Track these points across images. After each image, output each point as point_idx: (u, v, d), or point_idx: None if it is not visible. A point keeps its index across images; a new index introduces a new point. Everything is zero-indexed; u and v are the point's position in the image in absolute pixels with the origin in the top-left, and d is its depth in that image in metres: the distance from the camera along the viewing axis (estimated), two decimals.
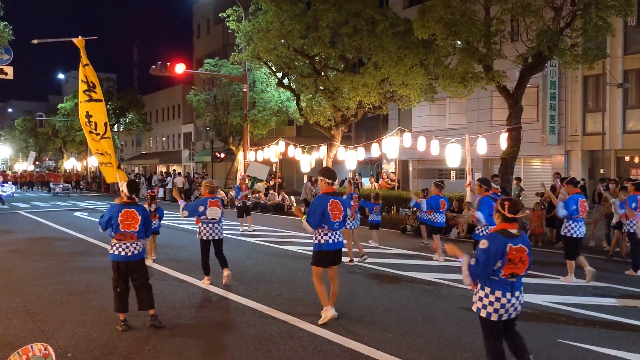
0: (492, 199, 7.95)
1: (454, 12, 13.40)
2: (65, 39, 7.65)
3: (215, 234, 8.05)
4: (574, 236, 8.50)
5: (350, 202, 9.76)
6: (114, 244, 5.95)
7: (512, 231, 4.12)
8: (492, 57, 13.95)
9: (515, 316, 4.24)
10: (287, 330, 5.88)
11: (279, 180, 23.81)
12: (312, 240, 6.35)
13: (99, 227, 6.03)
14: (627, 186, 10.01)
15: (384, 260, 10.37)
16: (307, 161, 21.75)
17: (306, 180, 21.59)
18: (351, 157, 19.62)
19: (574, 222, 8.50)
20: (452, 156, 16.11)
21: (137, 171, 52.17)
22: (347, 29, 17.78)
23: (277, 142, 22.90)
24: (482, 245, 4.08)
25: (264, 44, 18.81)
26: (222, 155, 34.23)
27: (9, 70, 19.27)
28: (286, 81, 22.28)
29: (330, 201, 6.12)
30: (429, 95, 17.57)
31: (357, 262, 9.82)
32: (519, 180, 15.19)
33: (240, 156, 26.17)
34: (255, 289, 7.81)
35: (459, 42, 14.40)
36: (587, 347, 5.40)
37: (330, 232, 6.16)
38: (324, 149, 21.05)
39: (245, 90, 24.26)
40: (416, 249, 11.89)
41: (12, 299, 7.26)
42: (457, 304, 7.02)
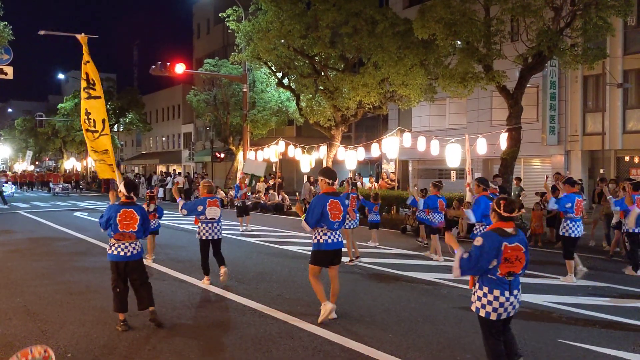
0: (489, 199, 7.95)
1: (454, 12, 13.41)
2: (70, 34, 7.72)
3: (214, 234, 8.08)
4: (572, 236, 8.53)
5: (347, 202, 9.73)
6: (112, 244, 5.96)
7: (508, 230, 4.15)
8: (492, 57, 13.95)
9: (513, 315, 4.26)
10: (287, 330, 5.88)
11: (279, 180, 23.80)
12: (312, 240, 6.35)
13: (100, 228, 6.06)
14: (625, 186, 10.03)
15: (384, 260, 10.37)
16: (307, 161, 21.74)
17: (305, 180, 21.60)
18: (351, 157, 19.61)
19: (572, 222, 8.52)
20: (452, 156, 16.11)
21: (137, 171, 52.17)
22: (347, 29, 17.78)
23: (277, 142, 22.89)
24: (477, 242, 4.13)
25: (263, 44, 18.81)
26: (222, 155, 34.24)
27: (9, 70, 19.30)
28: (286, 81, 22.28)
29: (329, 201, 6.13)
30: (428, 95, 17.57)
31: (347, 263, 9.66)
32: (519, 180, 15.19)
33: (240, 156, 26.16)
34: (255, 289, 7.81)
35: (459, 42, 14.40)
36: (587, 347, 5.40)
37: (329, 231, 6.17)
38: (323, 149, 21.05)
39: (245, 90, 24.26)
40: (416, 248, 11.89)
41: (12, 299, 7.26)
42: (457, 304, 7.02)
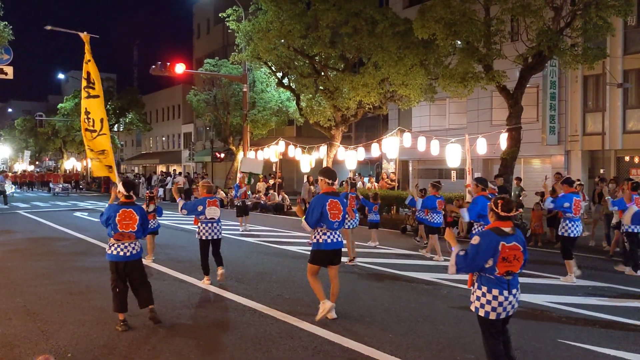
0: (488, 199, 7.94)
1: (454, 12, 13.40)
2: (74, 31, 7.76)
3: (214, 234, 8.10)
4: (571, 236, 8.55)
5: (346, 202, 9.73)
6: (111, 244, 5.96)
7: (505, 229, 4.17)
8: (492, 57, 13.95)
9: (512, 314, 4.28)
10: (287, 330, 5.88)
11: (279, 180, 23.80)
12: (311, 240, 6.35)
13: (102, 225, 6.09)
14: (624, 187, 10.06)
15: (384, 260, 10.37)
16: (307, 161, 21.74)
17: (305, 180, 21.60)
18: (351, 157, 19.61)
19: (570, 222, 8.53)
20: (452, 156, 16.11)
21: (136, 171, 52.17)
22: (347, 29, 17.77)
23: (277, 142, 22.89)
24: (474, 241, 4.16)
25: (263, 44, 18.80)
26: (222, 155, 34.24)
27: (9, 70, 19.30)
28: (286, 81, 22.27)
29: (329, 201, 6.14)
30: (428, 95, 17.58)
31: (347, 263, 9.67)
32: (519, 180, 15.19)
33: (240, 156, 26.15)
34: (255, 289, 7.81)
35: (459, 42, 14.40)
36: (587, 347, 5.40)
37: (329, 231, 6.18)
38: (324, 149, 21.05)
39: (245, 90, 24.26)
40: (416, 248, 11.88)
41: (12, 299, 7.26)
42: (457, 303, 7.02)
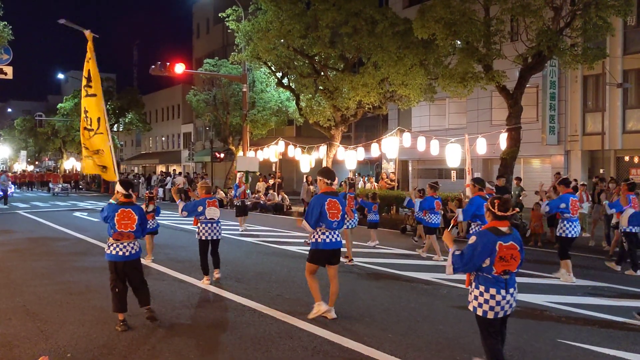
0: (485, 199, 7.94)
1: (453, 12, 13.41)
2: (81, 28, 7.78)
3: (214, 234, 8.12)
4: (569, 236, 8.55)
5: (344, 202, 9.75)
6: (110, 244, 5.96)
7: (502, 229, 4.19)
8: (491, 57, 13.95)
9: (509, 313, 4.29)
10: (287, 330, 5.88)
11: (279, 180, 23.79)
12: (310, 239, 6.36)
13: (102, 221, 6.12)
14: (620, 189, 10.10)
15: (384, 260, 10.37)
16: (306, 161, 21.74)
17: (304, 180, 21.56)
18: (351, 157, 19.61)
19: (568, 222, 8.54)
20: (452, 156, 16.11)
21: (136, 171, 52.15)
22: (346, 29, 17.77)
23: (277, 142, 22.90)
24: (471, 240, 4.20)
25: (263, 44, 18.80)
26: (222, 155, 34.21)
27: (9, 70, 19.29)
28: (286, 81, 22.27)
29: (327, 200, 6.17)
30: (428, 95, 17.57)
31: (346, 262, 9.68)
32: (519, 180, 15.19)
33: (240, 156, 26.15)
34: (254, 289, 7.81)
35: (459, 42, 14.40)
36: (586, 347, 5.40)
37: (328, 231, 6.19)
38: (323, 149, 21.05)
39: (244, 90, 24.24)
40: (416, 248, 11.87)
41: (12, 298, 7.25)
42: (457, 303, 7.01)
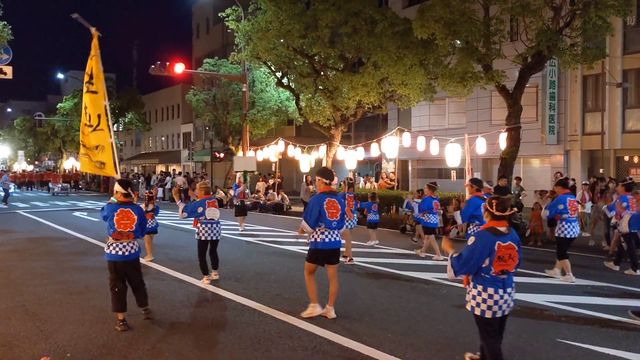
0: (482, 199, 7.92)
1: (453, 11, 13.40)
2: (89, 25, 7.82)
3: (213, 235, 8.12)
4: (567, 236, 8.56)
5: (343, 202, 9.77)
6: (110, 244, 5.97)
7: (500, 229, 4.20)
8: (491, 56, 13.95)
9: (508, 313, 4.30)
10: (286, 329, 5.88)
11: (279, 180, 23.79)
12: (309, 239, 6.37)
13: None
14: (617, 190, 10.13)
15: (383, 259, 10.37)
16: (306, 161, 21.73)
17: (303, 180, 21.57)
18: (351, 156, 19.60)
19: (567, 223, 8.54)
20: (452, 156, 16.11)
21: (136, 171, 52.12)
22: (346, 29, 17.76)
23: (277, 141, 22.89)
24: (470, 241, 4.22)
25: (263, 44, 18.79)
26: (222, 155, 34.17)
27: (8, 70, 19.28)
28: (285, 81, 22.26)
29: (326, 200, 6.20)
30: (428, 95, 17.57)
31: (346, 262, 9.70)
32: (519, 180, 15.20)
33: (236, 157, 26.14)
34: (254, 289, 7.81)
35: (459, 42, 14.39)
36: (586, 347, 5.40)
37: (327, 230, 6.20)
38: (323, 148, 21.04)
39: (244, 89, 24.23)
40: (415, 248, 11.87)
41: (12, 298, 7.25)
42: (456, 303, 7.01)
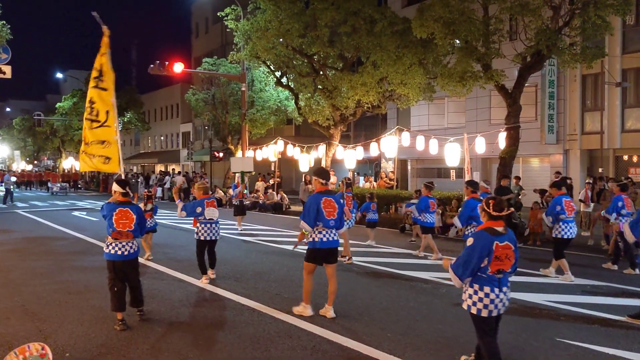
0: (479, 200, 7.93)
1: (452, 11, 13.40)
2: (102, 23, 7.88)
3: (213, 234, 8.12)
4: (565, 237, 8.57)
5: (342, 202, 9.80)
6: (109, 243, 5.97)
7: (498, 229, 4.22)
8: (490, 56, 13.95)
9: (503, 312, 4.32)
10: (286, 329, 5.88)
11: (278, 179, 23.78)
12: (308, 238, 6.38)
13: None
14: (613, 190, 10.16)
15: (383, 259, 10.37)
16: (306, 160, 21.72)
17: (302, 180, 21.57)
18: (350, 156, 19.60)
19: (564, 224, 8.55)
20: (451, 155, 16.11)
21: (135, 170, 52.09)
22: (345, 28, 17.75)
23: (276, 141, 22.88)
24: (468, 242, 4.24)
25: (262, 43, 18.78)
26: (221, 154, 34.16)
27: (7, 69, 19.27)
28: (285, 80, 22.25)
29: (323, 199, 6.23)
30: (427, 94, 17.57)
31: (345, 262, 9.73)
32: (518, 179, 15.20)
33: (239, 155, 26.12)
34: (253, 288, 7.81)
35: (458, 41, 14.39)
36: (585, 346, 5.40)
37: (325, 230, 6.22)
38: (322, 148, 21.04)
39: (243, 89, 24.20)
40: (414, 247, 11.88)
41: (11, 298, 7.25)
42: (455, 302, 6.99)
